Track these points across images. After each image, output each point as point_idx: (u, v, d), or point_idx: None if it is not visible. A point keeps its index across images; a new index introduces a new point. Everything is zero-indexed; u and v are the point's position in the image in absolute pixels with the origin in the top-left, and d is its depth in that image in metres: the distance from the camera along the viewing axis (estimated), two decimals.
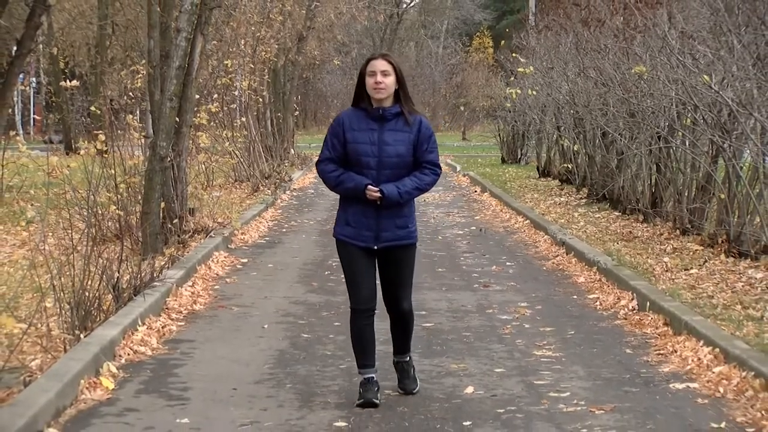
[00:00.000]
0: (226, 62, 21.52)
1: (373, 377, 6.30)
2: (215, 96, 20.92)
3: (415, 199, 6.40)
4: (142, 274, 9.09)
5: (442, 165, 6.53)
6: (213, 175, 20.60)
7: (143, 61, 14.73)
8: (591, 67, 17.25)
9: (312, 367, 7.29)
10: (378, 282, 6.43)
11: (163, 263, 10.27)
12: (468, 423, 5.96)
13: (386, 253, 6.31)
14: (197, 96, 15.23)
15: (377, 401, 6.22)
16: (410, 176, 6.25)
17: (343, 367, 7.29)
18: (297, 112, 34.40)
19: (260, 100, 25.23)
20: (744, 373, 6.55)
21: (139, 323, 8.13)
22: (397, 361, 6.61)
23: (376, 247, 6.27)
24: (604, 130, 16.91)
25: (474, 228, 16.03)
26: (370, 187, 6.14)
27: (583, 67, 17.83)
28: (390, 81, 6.17)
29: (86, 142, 13.01)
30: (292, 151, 30.15)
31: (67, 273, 7.75)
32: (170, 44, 12.22)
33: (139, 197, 12.16)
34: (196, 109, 15.54)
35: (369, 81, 6.18)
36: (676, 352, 7.52)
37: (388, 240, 6.27)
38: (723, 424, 5.86)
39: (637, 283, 9.62)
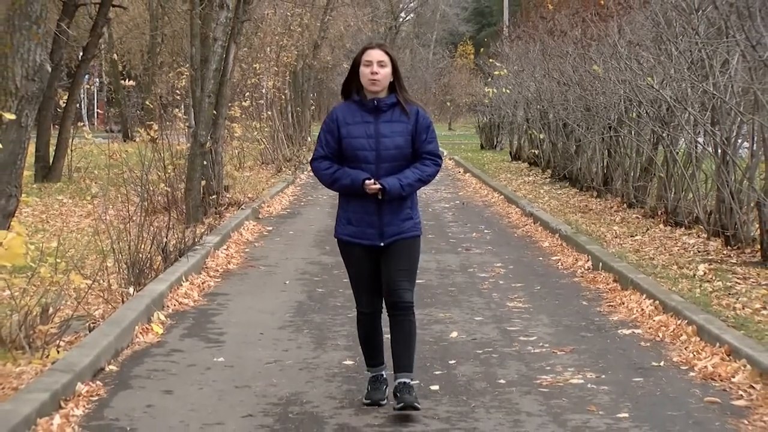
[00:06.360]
0: (254, 66, 21.45)
1: (381, 375, 5.10)
2: (246, 93, 20.83)
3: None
4: (186, 240, 9.06)
5: None
6: (244, 159, 20.54)
7: (187, 65, 14.64)
8: (554, 70, 17.16)
9: (325, 316, 7.27)
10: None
11: (203, 230, 10.24)
12: (453, 362, 5.94)
13: (392, 245, 4.94)
14: (231, 93, 15.16)
15: (384, 402, 5.02)
16: (411, 168, 4.91)
17: (350, 315, 7.24)
18: (313, 107, 34.28)
19: (283, 97, 25.11)
20: (679, 321, 6.54)
21: (183, 280, 8.11)
22: (400, 383, 4.88)
23: (382, 244, 4.94)
24: (565, 121, 16.84)
25: (458, 202, 15.98)
26: (367, 181, 4.84)
27: (548, 69, 17.74)
28: (386, 72, 4.87)
29: (140, 131, 12.97)
30: (309, 138, 30.04)
31: (124, 238, 7.76)
32: (209, 51, 12.18)
33: (183, 177, 12.13)
34: (230, 104, 15.48)
35: (364, 71, 4.88)
36: (623, 304, 7.50)
37: (393, 234, 4.93)
38: (662, 363, 5.84)
39: (592, 247, 9.58)
